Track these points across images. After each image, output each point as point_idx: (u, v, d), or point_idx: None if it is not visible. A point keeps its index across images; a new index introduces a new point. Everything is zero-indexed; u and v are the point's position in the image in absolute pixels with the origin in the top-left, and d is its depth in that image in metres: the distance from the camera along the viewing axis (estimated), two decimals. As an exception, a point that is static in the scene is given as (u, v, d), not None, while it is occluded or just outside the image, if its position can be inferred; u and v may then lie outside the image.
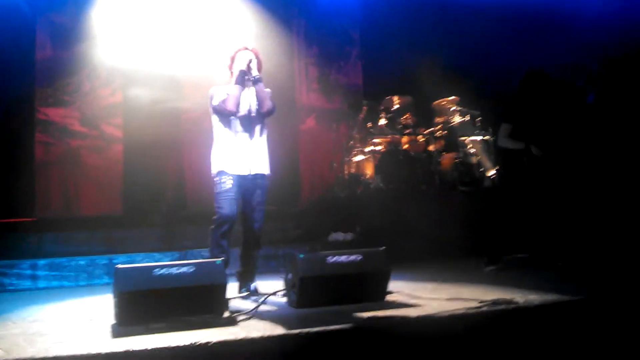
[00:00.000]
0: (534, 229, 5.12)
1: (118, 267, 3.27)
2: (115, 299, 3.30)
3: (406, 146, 7.55)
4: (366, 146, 7.58)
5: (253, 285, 4.31)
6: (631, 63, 6.35)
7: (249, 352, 2.70)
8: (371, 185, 7.17)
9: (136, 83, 7.74)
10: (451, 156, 7.43)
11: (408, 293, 3.86)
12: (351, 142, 7.90)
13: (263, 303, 3.73)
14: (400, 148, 7.44)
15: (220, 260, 3.46)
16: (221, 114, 4.26)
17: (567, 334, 3.15)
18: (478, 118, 7.72)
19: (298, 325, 2.93)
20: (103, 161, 7.71)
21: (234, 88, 4.23)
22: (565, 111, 5.62)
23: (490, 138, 7.35)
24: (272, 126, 4.56)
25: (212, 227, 4.16)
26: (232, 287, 4.04)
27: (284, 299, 3.86)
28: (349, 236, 6.33)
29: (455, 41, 8.55)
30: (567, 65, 7.12)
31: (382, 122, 7.75)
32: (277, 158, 4.63)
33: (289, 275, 3.76)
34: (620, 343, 3.17)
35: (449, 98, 7.82)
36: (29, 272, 5.40)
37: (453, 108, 7.78)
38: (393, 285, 3.89)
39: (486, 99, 7.89)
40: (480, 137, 7.43)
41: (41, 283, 5.40)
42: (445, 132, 7.73)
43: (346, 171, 7.83)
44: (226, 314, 3.36)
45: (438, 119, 7.97)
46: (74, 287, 5.40)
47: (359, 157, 7.61)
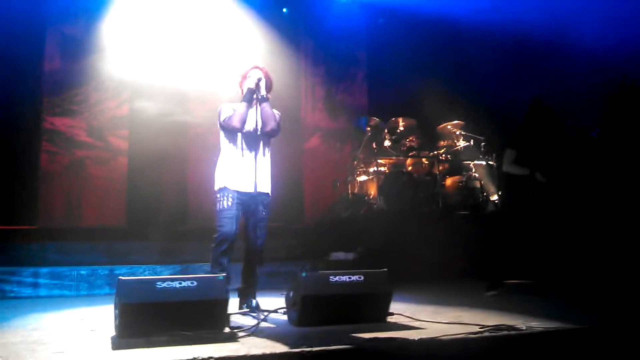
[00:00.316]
0: (539, 255, 5.12)
1: (121, 279, 3.26)
2: (116, 311, 3.28)
3: (410, 168, 7.59)
4: (370, 166, 7.60)
5: (254, 301, 4.30)
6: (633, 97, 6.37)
7: (250, 369, 2.69)
8: (374, 205, 7.17)
9: (143, 96, 7.80)
10: (455, 179, 7.45)
11: (409, 315, 3.84)
12: (355, 162, 7.95)
13: (264, 320, 3.73)
14: (404, 170, 7.47)
15: (222, 275, 3.47)
16: (227, 130, 4.31)
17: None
18: (482, 143, 7.76)
19: (299, 344, 2.91)
20: (108, 172, 7.75)
21: (241, 105, 4.28)
22: (569, 141, 5.67)
23: (494, 163, 7.38)
24: (277, 144, 4.59)
25: (213, 246, 4.19)
26: (233, 303, 4.03)
27: (285, 317, 3.85)
28: (351, 256, 6.32)
29: (461, 67, 8.64)
30: (572, 92, 7.17)
31: (387, 144, 7.80)
32: (282, 175, 4.66)
33: (290, 292, 3.75)
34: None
35: (454, 122, 7.88)
36: (31, 280, 5.40)
37: (458, 132, 7.83)
38: (394, 306, 3.88)
39: (491, 125, 7.93)
40: (484, 162, 7.46)
41: (42, 291, 5.40)
42: (449, 156, 7.78)
43: (350, 190, 7.86)
44: (227, 330, 3.35)
45: (442, 143, 8.01)
46: (75, 297, 5.42)
47: (363, 177, 7.63)
